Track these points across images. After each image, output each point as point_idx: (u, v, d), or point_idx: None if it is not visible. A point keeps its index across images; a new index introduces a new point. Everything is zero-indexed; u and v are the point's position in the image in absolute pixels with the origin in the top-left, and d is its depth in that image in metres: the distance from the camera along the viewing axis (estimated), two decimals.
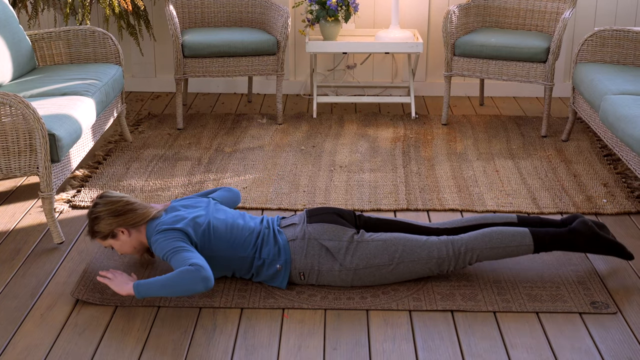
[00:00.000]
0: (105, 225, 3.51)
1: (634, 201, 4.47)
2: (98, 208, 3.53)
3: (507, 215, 3.77)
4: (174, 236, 3.39)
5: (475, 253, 3.53)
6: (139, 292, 3.26)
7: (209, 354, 3.08)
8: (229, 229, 3.51)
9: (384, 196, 4.55)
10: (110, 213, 3.50)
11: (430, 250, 3.51)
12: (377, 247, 3.49)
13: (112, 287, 3.36)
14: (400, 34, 6.03)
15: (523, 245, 3.55)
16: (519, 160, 5.11)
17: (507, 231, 3.56)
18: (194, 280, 3.18)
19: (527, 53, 5.49)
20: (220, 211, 3.64)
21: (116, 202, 3.54)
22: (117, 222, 3.50)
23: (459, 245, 3.53)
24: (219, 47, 5.60)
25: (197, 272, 3.19)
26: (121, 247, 3.57)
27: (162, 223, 3.48)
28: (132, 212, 3.52)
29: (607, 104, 4.53)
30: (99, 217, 3.51)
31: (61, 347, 3.11)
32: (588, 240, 3.59)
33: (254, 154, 5.20)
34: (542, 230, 3.60)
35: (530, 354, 3.08)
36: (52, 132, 3.86)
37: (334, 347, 3.12)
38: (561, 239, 3.59)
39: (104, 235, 3.53)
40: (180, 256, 3.29)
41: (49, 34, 5.19)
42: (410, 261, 3.50)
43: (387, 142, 5.44)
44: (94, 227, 3.53)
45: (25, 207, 4.38)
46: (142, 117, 5.98)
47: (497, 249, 3.53)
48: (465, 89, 6.61)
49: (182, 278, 3.19)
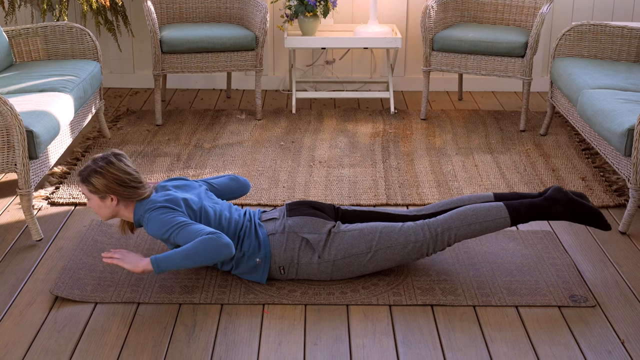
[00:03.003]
0: (103, 185, 3.41)
1: (612, 195, 4.49)
2: (108, 167, 3.42)
3: (483, 195, 3.75)
4: (174, 213, 3.36)
5: (453, 232, 3.51)
6: (159, 266, 3.23)
7: (190, 350, 3.07)
8: (217, 219, 3.50)
9: (363, 191, 4.56)
10: (115, 179, 3.41)
11: (407, 234, 3.50)
12: (354, 236, 3.49)
13: (125, 266, 3.30)
14: (379, 29, 6.04)
15: (499, 219, 3.53)
16: (498, 154, 5.13)
17: (481, 207, 3.55)
18: (218, 247, 3.20)
19: (505, 48, 5.51)
20: (210, 199, 3.62)
21: (127, 173, 3.44)
22: (114, 190, 3.42)
23: (435, 226, 3.52)
24: (198, 42, 5.59)
25: (220, 239, 3.21)
26: (100, 208, 3.48)
27: (155, 201, 3.43)
28: (134, 189, 3.45)
29: (584, 98, 4.55)
30: (102, 175, 3.40)
31: (40, 344, 3.10)
32: (564, 207, 3.55)
33: (233, 150, 5.19)
34: (516, 202, 3.58)
35: (509, 347, 3.10)
36: (29, 129, 3.84)
37: (315, 342, 3.13)
38: (537, 208, 3.56)
39: (95, 190, 3.43)
40: (189, 229, 3.27)
41: (26, 30, 5.16)
42: (388, 247, 3.49)
43: (367, 138, 5.45)
44: (91, 178, 3.41)
45: (4, 204, 4.35)
46: (121, 114, 5.95)
47: (474, 225, 3.52)
48: (444, 84, 6.62)
49: (206, 247, 3.19)
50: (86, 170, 3.46)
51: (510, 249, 3.83)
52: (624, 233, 4.05)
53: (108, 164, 3.43)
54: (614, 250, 3.87)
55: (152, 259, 3.24)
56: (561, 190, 3.59)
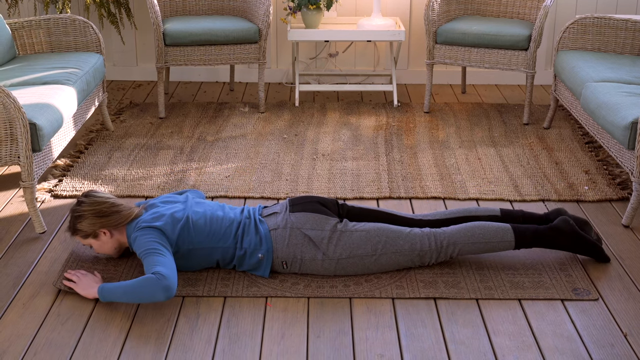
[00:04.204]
0: (88, 224, 3.48)
1: (615, 188, 4.49)
2: (83, 207, 3.50)
3: (490, 209, 3.79)
4: (151, 236, 3.38)
5: (457, 247, 3.55)
6: (104, 297, 3.28)
7: (192, 342, 3.08)
8: (208, 221, 3.51)
9: (366, 184, 4.55)
10: (94, 214, 3.48)
11: (413, 242, 3.52)
12: (361, 237, 3.50)
13: (78, 291, 3.36)
14: (382, 22, 6.03)
15: (504, 242, 3.58)
16: (501, 147, 5.12)
17: (489, 227, 3.59)
18: (155, 289, 3.18)
19: (509, 41, 5.50)
20: (199, 204, 3.62)
21: (102, 202, 3.51)
22: (100, 223, 3.48)
23: (441, 238, 3.54)
24: (201, 35, 5.58)
25: (159, 282, 3.18)
26: (101, 247, 3.56)
27: (142, 221, 3.47)
28: (116, 213, 3.50)
29: (588, 92, 4.54)
30: (83, 216, 3.48)
31: (44, 336, 3.10)
32: (569, 240, 3.62)
33: (236, 143, 5.19)
34: (523, 226, 3.63)
35: (512, 340, 3.10)
36: (33, 122, 3.84)
37: (318, 335, 3.13)
38: (543, 237, 3.61)
39: (85, 234, 3.51)
40: (150, 259, 3.29)
41: (29, 22, 5.15)
42: (393, 252, 3.51)
43: (370, 130, 5.44)
44: (76, 225, 3.51)
45: (7, 197, 4.35)
46: (124, 106, 5.95)
47: (479, 244, 3.56)
48: (448, 76, 6.62)
49: (144, 286, 3.19)
50: (69, 223, 3.56)
51: None
52: (627, 226, 4.05)
53: (81, 205, 3.52)
54: (616, 243, 3.87)
55: (99, 288, 3.29)
56: (568, 221, 3.63)
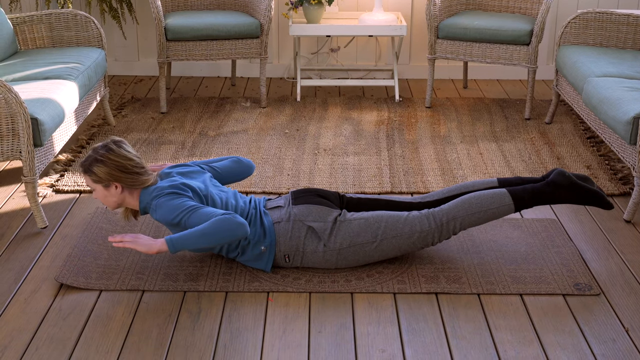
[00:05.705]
0: (105, 172, 3.40)
1: (617, 183, 4.49)
2: (109, 154, 3.41)
3: (487, 180, 3.75)
4: (183, 198, 3.36)
5: (458, 221, 3.52)
6: (174, 246, 3.24)
7: (194, 337, 3.08)
8: (223, 206, 3.50)
9: (368, 179, 4.56)
10: (117, 166, 3.40)
11: (413, 225, 3.51)
12: (360, 225, 3.49)
13: (139, 249, 3.27)
14: (384, 16, 6.03)
15: (503, 206, 3.54)
16: (503, 142, 5.12)
17: (485, 195, 3.56)
18: (234, 226, 3.22)
19: (511, 36, 5.49)
20: (216, 187, 3.62)
21: (129, 159, 3.43)
22: (117, 177, 3.40)
23: (440, 216, 3.53)
24: (202, 30, 5.58)
25: (235, 219, 3.23)
26: (105, 197, 3.48)
27: (162, 188, 3.42)
28: (137, 175, 3.44)
29: (590, 86, 4.54)
30: (104, 163, 3.39)
31: (45, 331, 3.10)
32: (567, 191, 3.57)
33: (238, 138, 5.19)
34: (519, 187, 3.59)
35: (514, 335, 3.10)
36: (34, 116, 3.84)
37: (319, 330, 3.13)
38: (540, 193, 3.57)
39: (98, 179, 3.42)
40: (201, 212, 3.29)
41: (31, 17, 5.15)
42: (393, 237, 3.49)
43: (371, 125, 5.44)
44: (92, 168, 3.41)
45: (8, 192, 4.36)
46: (126, 101, 5.95)
47: (479, 214, 3.53)
48: (449, 71, 6.61)
49: (220, 226, 3.21)
50: (87, 160, 3.45)
51: (514, 237, 3.83)
52: (629, 221, 4.05)
53: (108, 151, 3.42)
54: (618, 238, 3.87)
55: (167, 239, 3.24)
56: (564, 174, 3.59)
